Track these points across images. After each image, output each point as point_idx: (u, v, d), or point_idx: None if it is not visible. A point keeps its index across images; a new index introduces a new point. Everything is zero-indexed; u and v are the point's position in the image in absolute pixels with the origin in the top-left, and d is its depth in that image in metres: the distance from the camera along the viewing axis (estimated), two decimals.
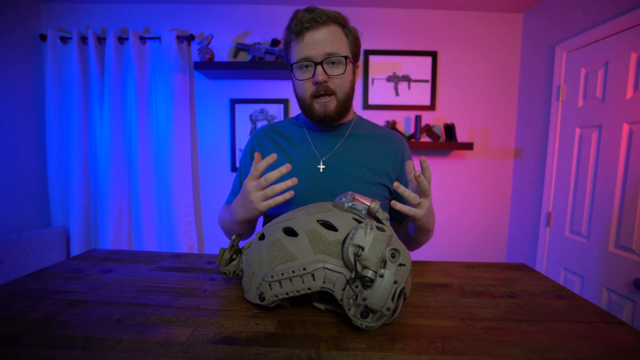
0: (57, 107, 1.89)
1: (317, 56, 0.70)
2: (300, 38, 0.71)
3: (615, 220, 1.36)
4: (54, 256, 1.82)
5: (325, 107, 0.74)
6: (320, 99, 0.74)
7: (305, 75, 0.72)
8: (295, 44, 0.72)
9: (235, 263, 0.57)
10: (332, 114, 0.75)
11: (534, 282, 0.63)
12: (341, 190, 0.76)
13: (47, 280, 0.58)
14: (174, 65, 1.85)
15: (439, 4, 1.88)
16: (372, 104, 1.98)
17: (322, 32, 0.70)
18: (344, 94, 0.75)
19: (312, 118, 0.78)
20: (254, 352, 0.38)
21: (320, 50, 0.70)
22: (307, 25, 0.69)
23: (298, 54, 0.72)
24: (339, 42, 0.72)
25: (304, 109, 0.78)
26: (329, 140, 0.82)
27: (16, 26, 1.78)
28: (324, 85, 0.72)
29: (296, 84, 0.76)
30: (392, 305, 0.40)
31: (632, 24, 1.28)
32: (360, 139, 0.84)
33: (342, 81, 0.74)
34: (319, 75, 0.70)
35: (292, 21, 0.72)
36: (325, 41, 0.70)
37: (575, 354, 0.40)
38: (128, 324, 0.44)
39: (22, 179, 1.84)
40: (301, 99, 0.76)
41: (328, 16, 0.70)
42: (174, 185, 1.91)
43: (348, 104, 0.78)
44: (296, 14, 0.71)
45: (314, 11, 0.70)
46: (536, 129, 1.83)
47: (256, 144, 0.86)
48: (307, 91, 0.74)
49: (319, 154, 0.81)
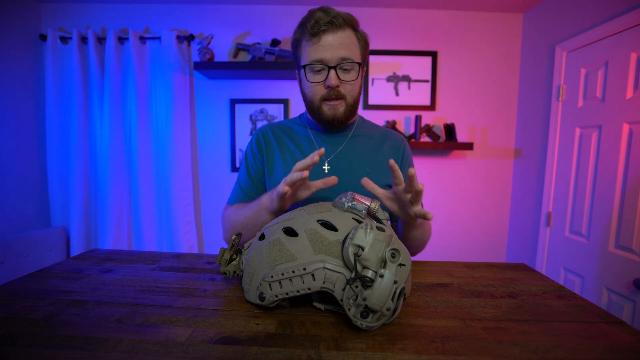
0: (57, 107, 1.89)
1: (332, 60, 0.70)
2: (315, 39, 0.70)
3: (615, 220, 1.36)
4: (54, 256, 1.82)
5: (335, 111, 0.75)
6: (330, 102, 0.74)
7: (318, 78, 0.72)
8: (310, 45, 0.71)
9: (235, 263, 0.57)
10: (341, 117, 0.76)
11: (534, 282, 0.62)
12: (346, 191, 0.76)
13: (47, 280, 0.58)
14: (174, 65, 1.85)
15: (439, 4, 1.88)
16: (372, 104, 1.98)
17: (339, 36, 0.70)
18: (353, 98, 0.76)
19: (319, 120, 0.78)
20: (254, 352, 0.38)
21: (336, 54, 0.70)
22: (324, 27, 0.68)
23: (312, 55, 0.71)
24: (353, 47, 0.72)
25: (312, 110, 0.77)
26: (333, 141, 0.83)
27: (16, 26, 1.78)
28: (335, 90, 0.72)
29: (306, 85, 0.75)
30: (392, 305, 0.40)
31: (632, 24, 1.28)
32: (363, 139, 0.84)
33: (352, 86, 0.74)
34: (332, 79, 0.70)
35: (309, 21, 0.70)
36: (340, 45, 0.70)
37: (575, 354, 0.40)
38: (128, 324, 0.44)
39: (22, 179, 1.84)
40: (310, 100, 0.76)
41: (344, 19, 0.70)
42: (174, 185, 1.91)
43: (356, 108, 0.79)
44: (313, 14, 0.70)
45: (331, 13, 0.69)
46: (536, 129, 1.83)
47: (262, 139, 0.85)
48: (318, 94, 0.74)
49: (324, 154, 0.81)
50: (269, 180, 0.84)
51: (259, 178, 0.85)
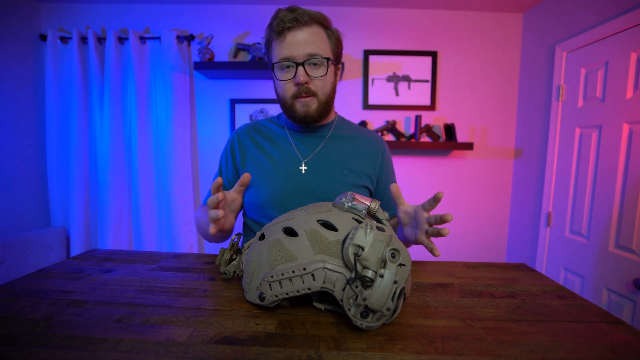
0: (57, 107, 1.89)
1: (299, 57, 0.70)
2: (281, 37, 0.70)
3: (615, 220, 1.36)
4: (54, 256, 1.82)
5: (307, 108, 0.74)
6: (301, 99, 0.73)
7: (287, 76, 0.72)
8: (277, 44, 0.71)
9: (235, 263, 0.57)
10: (313, 114, 0.75)
11: (534, 282, 0.62)
12: (323, 192, 0.76)
13: (47, 280, 0.58)
14: (174, 65, 1.85)
15: (439, 4, 1.88)
16: (372, 104, 1.98)
17: (304, 33, 0.69)
18: (325, 95, 0.75)
19: (293, 118, 0.77)
20: (254, 352, 0.38)
21: (302, 50, 0.69)
22: (289, 24, 0.68)
23: (279, 53, 0.71)
24: (321, 43, 0.71)
25: (285, 109, 0.77)
26: (311, 142, 0.82)
27: (16, 26, 1.78)
28: (305, 87, 0.72)
29: (277, 84, 0.75)
30: (392, 305, 0.40)
31: (632, 24, 1.28)
32: (341, 140, 0.84)
33: (323, 82, 0.73)
34: (300, 76, 0.70)
35: (274, 20, 0.70)
36: (307, 42, 0.69)
37: (575, 354, 0.40)
38: (128, 324, 0.44)
39: (22, 179, 1.84)
40: (282, 98, 0.76)
41: (310, 16, 0.70)
42: (174, 185, 1.91)
43: (329, 105, 0.78)
44: (278, 13, 0.70)
45: (296, 11, 0.69)
46: (536, 129, 1.83)
47: (237, 144, 0.85)
48: (288, 91, 0.74)
49: (301, 155, 0.80)
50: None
51: (227, 184, 0.85)
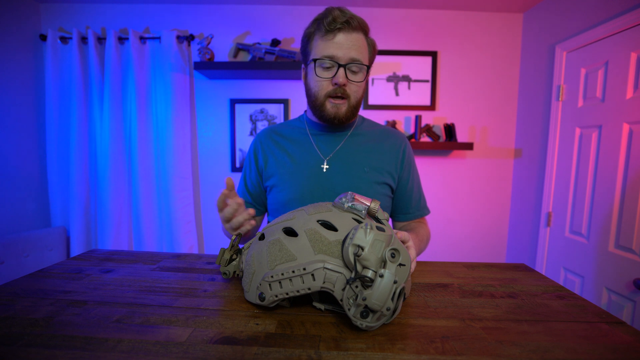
0: (57, 107, 1.89)
1: (343, 58, 0.71)
2: (330, 36, 0.71)
3: (615, 220, 1.36)
4: (54, 256, 1.82)
5: (337, 109, 0.76)
6: (334, 100, 0.75)
7: (326, 74, 0.73)
8: (323, 41, 0.72)
9: (235, 263, 0.57)
10: (342, 117, 0.77)
11: (534, 282, 0.62)
12: (345, 190, 0.77)
13: (47, 280, 0.58)
14: (174, 65, 1.85)
15: (439, 4, 1.88)
16: (372, 104, 1.98)
17: (352, 37, 0.71)
18: (356, 99, 0.77)
19: (321, 117, 0.78)
20: (254, 352, 0.38)
21: (347, 53, 0.71)
22: (340, 25, 0.70)
23: (324, 50, 0.72)
24: (363, 50, 0.74)
25: (315, 106, 0.78)
26: (332, 140, 0.83)
27: (16, 26, 1.78)
28: (341, 88, 0.73)
29: (313, 79, 0.76)
30: (392, 305, 0.40)
31: (632, 24, 1.28)
32: (362, 138, 0.85)
33: (357, 88, 0.75)
34: (340, 77, 0.71)
35: (326, 17, 0.71)
36: (352, 46, 0.71)
37: (575, 354, 0.40)
38: (128, 324, 0.44)
39: (22, 179, 1.84)
40: (314, 95, 0.77)
41: (359, 22, 0.72)
42: (174, 185, 1.91)
43: (357, 109, 0.80)
44: (331, 11, 0.71)
45: (347, 14, 0.71)
46: (536, 129, 1.83)
47: (260, 147, 0.87)
48: (323, 89, 0.75)
49: (322, 154, 0.82)
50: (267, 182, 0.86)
51: (251, 187, 0.88)
